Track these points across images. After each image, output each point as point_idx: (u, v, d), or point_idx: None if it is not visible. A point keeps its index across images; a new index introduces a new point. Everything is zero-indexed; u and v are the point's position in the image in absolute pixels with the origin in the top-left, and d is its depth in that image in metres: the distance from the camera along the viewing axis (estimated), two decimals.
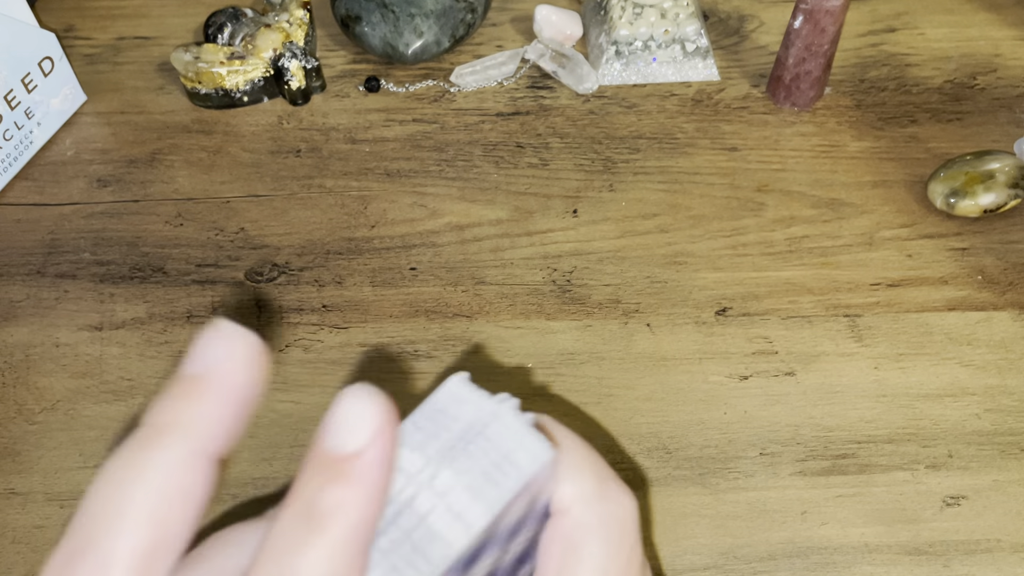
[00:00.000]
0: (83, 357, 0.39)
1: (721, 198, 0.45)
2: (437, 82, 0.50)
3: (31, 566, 0.33)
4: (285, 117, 0.49)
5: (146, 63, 0.52)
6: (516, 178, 0.46)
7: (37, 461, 0.35)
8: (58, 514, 0.34)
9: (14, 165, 0.46)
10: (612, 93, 0.50)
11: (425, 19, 0.50)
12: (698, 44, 0.50)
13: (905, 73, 0.51)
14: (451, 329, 0.39)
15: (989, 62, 0.51)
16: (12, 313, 0.40)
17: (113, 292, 0.41)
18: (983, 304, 0.40)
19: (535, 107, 0.49)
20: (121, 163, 0.47)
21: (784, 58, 0.47)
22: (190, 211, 0.44)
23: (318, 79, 0.49)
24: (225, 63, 0.48)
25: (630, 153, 0.47)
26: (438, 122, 0.48)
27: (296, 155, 0.47)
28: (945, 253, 0.42)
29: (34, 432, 0.36)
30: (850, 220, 0.44)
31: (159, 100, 0.50)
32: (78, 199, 0.45)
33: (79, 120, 0.49)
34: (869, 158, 0.46)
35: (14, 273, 0.42)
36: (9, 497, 0.34)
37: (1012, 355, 0.38)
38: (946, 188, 0.43)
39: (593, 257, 0.42)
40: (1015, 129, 0.48)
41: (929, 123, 0.48)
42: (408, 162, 0.46)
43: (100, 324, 0.40)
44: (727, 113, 0.49)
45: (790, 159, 0.46)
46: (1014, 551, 0.33)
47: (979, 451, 0.36)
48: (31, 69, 0.45)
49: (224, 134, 0.48)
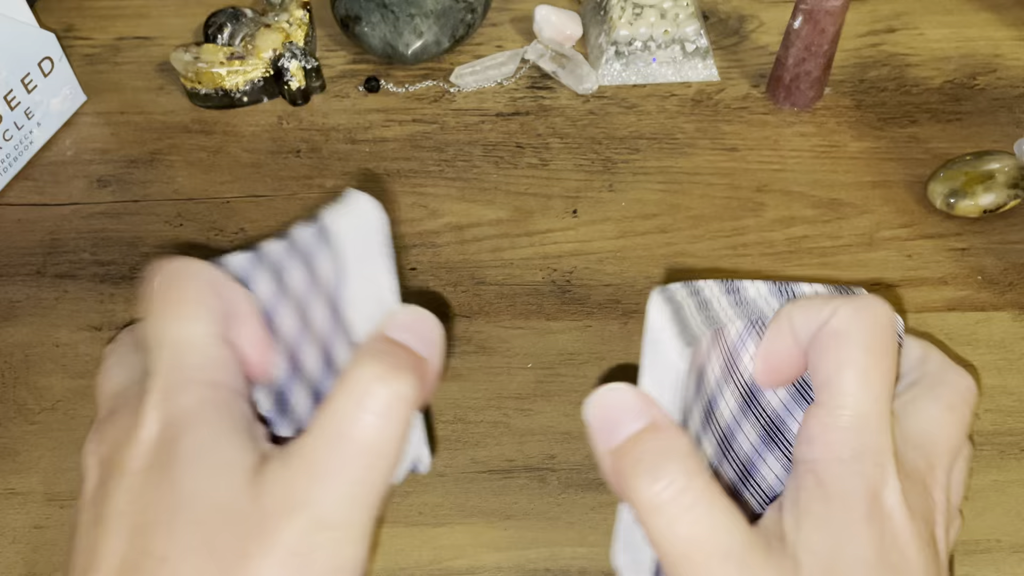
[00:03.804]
0: (83, 357, 0.39)
1: (721, 198, 0.45)
2: (437, 82, 0.50)
3: (31, 566, 0.33)
4: (285, 117, 0.49)
5: (146, 63, 0.52)
6: (516, 178, 0.46)
7: (37, 461, 0.35)
8: (58, 514, 0.34)
9: (14, 165, 0.46)
10: (612, 93, 0.50)
11: (425, 19, 0.50)
12: (698, 44, 0.50)
13: (905, 73, 0.51)
14: (451, 329, 0.39)
15: (989, 62, 0.51)
16: (12, 313, 0.40)
17: (113, 292, 0.41)
18: (983, 304, 0.40)
19: (535, 107, 0.49)
20: (121, 163, 0.47)
21: (784, 58, 0.47)
22: (190, 211, 0.44)
23: (318, 79, 0.50)
24: (225, 63, 0.48)
25: (630, 153, 0.47)
26: (438, 122, 0.48)
27: (296, 155, 0.47)
28: (945, 253, 0.42)
29: (34, 432, 0.36)
30: (850, 220, 0.44)
31: (159, 100, 0.50)
32: (78, 199, 0.45)
33: (79, 120, 0.49)
34: (869, 158, 0.46)
35: (14, 273, 0.42)
36: (9, 497, 0.34)
37: (1012, 355, 0.38)
38: (946, 188, 0.43)
39: (593, 257, 0.42)
40: (1015, 129, 0.48)
41: (929, 123, 0.48)
42: (408, 162, 0.46)
43: (100, 324, 0.40)
44: (727, 113, 0.49)
45: (790, 159, 0.46)
46: (1014, 551, 0.33)
47: (979, 451, 0.36)
48: (31, 69, 0.45)
49: (224, 134, 0.48)
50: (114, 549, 0.22)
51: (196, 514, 0.22)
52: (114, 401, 0.26)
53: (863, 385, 0.23)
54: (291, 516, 0.21)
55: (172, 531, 0.22)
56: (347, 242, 0.26)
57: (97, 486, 0.24)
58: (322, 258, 0.26)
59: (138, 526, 0.22)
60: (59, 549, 0.33)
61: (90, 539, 0.23)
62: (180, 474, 0.22)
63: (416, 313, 0.24)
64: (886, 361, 0.24)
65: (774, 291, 0.27)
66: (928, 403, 0.26)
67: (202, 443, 0.22)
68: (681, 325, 0.24)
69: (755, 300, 0.27)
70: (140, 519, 0.22)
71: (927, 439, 0.25)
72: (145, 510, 0.22)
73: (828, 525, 0.23)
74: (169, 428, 0.23)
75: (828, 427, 0.24)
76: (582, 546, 0.33)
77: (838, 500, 0.23)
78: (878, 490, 0.23)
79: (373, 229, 0.27)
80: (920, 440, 0.25)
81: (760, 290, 0.27)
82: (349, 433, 0.22)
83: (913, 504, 0.23)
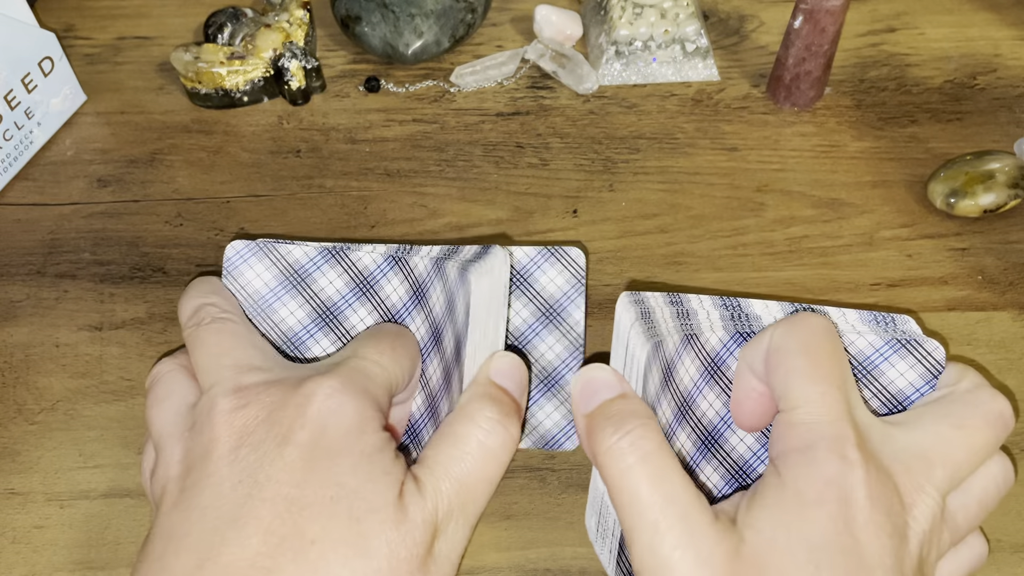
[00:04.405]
0: (83, 357, 0.39)
1: (721, 198, 0.45)
2: (437, 82, 0.50)
3: (31, 566, 0.33)
4: (285, 117, 0.49)
5: (146, 63, 0.52)
6: (516, 178, 0.46)
7: (37, 461, 0.35)
8: (58, 514, 0.34)
9: (14, 165, 0.46)
10: (612, 93, 0.50)
11: (425, 19, 0.50)
12: (698, 44, 0.50)
13: (905, 73, 0.51)
14: None
15: (989, 62, 0.51)
16: (12, 313, 0.40)
17: (113, 292, 0.41)
18: (983, 304, 0.40)
19: (535, 107, 0.49)
20: (121, 163, 0.47)
21: (784, 58, 0.47)
22: (190, 211, 0.44)
23: (318, 79, 0.50)
24: (225, 63, 0.48)
25: (630, 153, 0.47)
26: (438, 122, 0.48)
27: (296, 155, 0.47)
28: (945, 253, 0.42)
29: (34, 432, 0.36)
30: (850, 220, 0.44)
31: (159, 100, 0.50)
32: (78, 199, 0.45)
33: (79, 120, 0.49)
34: (869, 158, 0.46)
35: (14, 273, 0.42)
36: (9, 497, 0.34)
37: (1012, 355, 0.38)
38: (946, 188, 0.43)
39: (593, 257, 0.42)
40: (1015, 129, 0.48)
41: (929, 123, 0.48)
42: (408, 162, 0.46)
43: (100, 324, 0.40)
44: (727, 113, 0.49)
45: (790, 159, 0.46)
46: (1014, 551, 0.33)
47: None
48: (31, 69, 0.45)
49: (224, 134, 0.48)
50: (262, 514, 0.23)
51: (355, 510, 0.24)
52: (266, 375, 0.28)
53: (810, 384, 0.25)
54: (427, 529, 0.25)
55: (328, 519, 0.24)
56: (480, 296, 0.28)
57: (241, 447, 0.25)
58: (459, 298, 0.29)
59: (292, 501, 0.24)
60: (59, 549, 0.33)
61: (236, 494, 0.24)
62: (343, 468, 0.24)
63: (514, 361, 0.29)
64: (826, 360, 0.25)
65: (718, 303, 0.29)
66: (932, 418, 0.26)
67: (369, 445, 0.25)
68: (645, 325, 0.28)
69: (696, 312, 0.29)
70: (296, 494, 0.24)
71: (919, 449, 0.25)
72: (302, 487, 0.24)
73: (777, 508, 0.24)
74: (337, 417, 0.25)
75: (785, 424, 0.25)
76: (582, 546, 0.33)
77: (791, 485, 0.24)
78: (833, 475, 0.24)
79: (501, 284, 0.30)
80: (912, 449, 0.25)
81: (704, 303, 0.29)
82: (473, 468, 0.26)
83: (877, 495, 0.24)
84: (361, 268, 0.29)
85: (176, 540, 0.24)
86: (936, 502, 0.25)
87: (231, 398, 0.26)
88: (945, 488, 0.25)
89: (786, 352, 0.26)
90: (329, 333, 0.31)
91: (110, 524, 0.34)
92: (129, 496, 0.34)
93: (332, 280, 0.30)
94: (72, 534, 0.33)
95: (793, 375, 0.25)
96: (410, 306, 0.30)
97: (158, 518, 0.25)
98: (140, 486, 0.35)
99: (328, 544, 0.23)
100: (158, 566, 0.24)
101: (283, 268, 0.30)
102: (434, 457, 0.26)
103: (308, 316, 0.31)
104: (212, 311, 0.30)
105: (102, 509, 0.34)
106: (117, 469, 0.35)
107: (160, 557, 0.24)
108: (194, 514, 0.24)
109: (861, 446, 0.24)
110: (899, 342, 0.27)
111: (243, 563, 0.23)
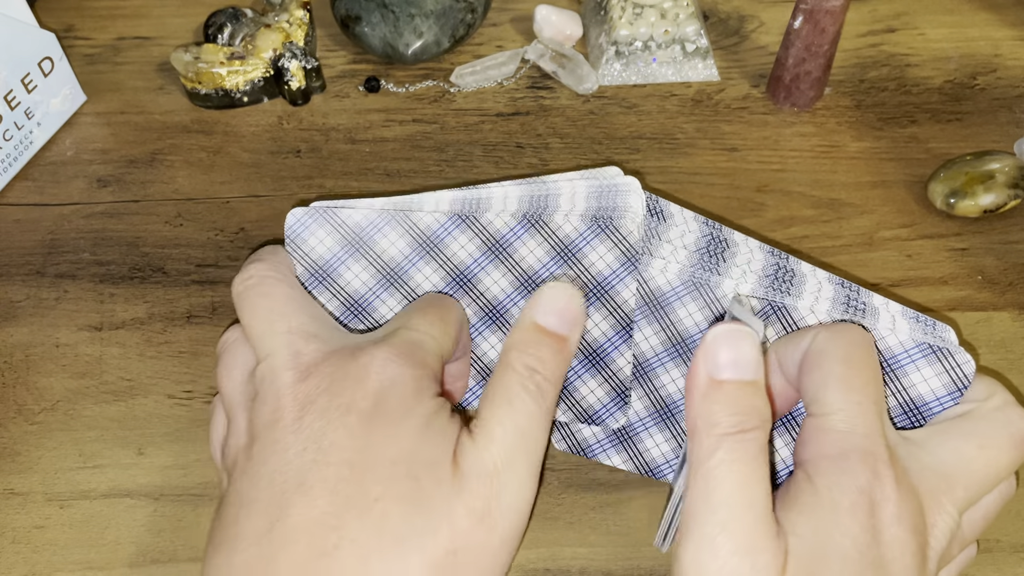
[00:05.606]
0: (83, 357, 0.39)
1: (721, 198, 0.45)
2: (437, 82, 0.50)
3: (31, 566, 0.33)
4: (285, 117, 0.49)
5: (146, 63, 0.52)
6: None
7: (37, 461, 0.35)
8: (58, 514, 0.34)
9: (14, 165, 0.46)
10: (612, 93, 0.50)
11: (425, 19, 0.50)
12: (698, 44, 0.50)
13: (905, 73, 0.51)
14: None
15: (989, 62, 0.51)
16: (12, 313, 0.40)
17: (113, 292, 0.41)
18: (983, 304, 0.40)
19: (535, 107, 0.49)
20: (121, 163, 0.47)
21: (784, 58, 0.47)
22: (190, 211, 0.44)
23: (318, 79, 0.50)
24: (225, 63, 0.48)
25: (630, 153, 0.47)
26: (438, 122, 0.48)
27: (296, 155, 0.47)
28: (945, 253, 0.42)
29: (34, 432, 0.36)
30: (850, 220, 0.44)
31: (159, 100, 0.50)
32: (78, 199, 0.45)
33: (79, 120, 0.49)
34: (869, 158, 0.46)
35: (14, 273, 0.42)
36: (9, 497, 0.34)
37: (1012, 355, 0.38)
38: (946, 188, 0.43)
39: None
40: (1015, 129, 0.48)
41: (929, 123, 0.48)
42: (408, 162, 0.46)
43: (100, 324, 0.40)
44: (727, 113, 0.49)
45: (790, 159, 0.46)
46: (1014, 551, 0.33)
47: None
48: (31, 69, 0.45)
49: (224, 134, 0.48)
50: (328, 477, 0.25)
51: (413, 469, 0.25)
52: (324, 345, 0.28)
53: (846, 393, 0.25)
54: (483, 480, 0.26)
55: (389, 479, 0.25)
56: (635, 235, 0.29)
57: (304, 416, 0.26)
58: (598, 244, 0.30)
59: (355, 464, 0.25)
60: (59, 549, 0.33)
61: (302, 460, 0.25)
62: (402, 432, 0.26)
63: (556, 295, 0.29)
64: (866, 372, 0.26)
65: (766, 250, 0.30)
66: (956, 436, 0.26)
67: (426, 409, 0.27)
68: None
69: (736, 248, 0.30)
70: (358, 458, 0.25)
71: (942, 468, 0.26)
72: (364, 452, 0.25)
73: (815, 513, 0.24)
74: (395, 386, 0.26)
75: (818, 429, 0.25)
76: (582, 546, 0.33)
77: (825, 492, 0.24)
78: (865, 486, 0.24)
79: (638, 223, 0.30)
80: (936, 467, 0.26)
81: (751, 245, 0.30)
82: (522, 417, 0.27)
83: (904, 514, 0.24)
84: (424, 228, 0.30)
85: (247, 505, 0.25)
86: (955, 520, 0.25)
87: (292, 371, 0.27)
88: (964, 507, 0.26)
89: (826, 356, 0.26)
90: (395, 293, 0.32)
91: (110, 524, 0.34)
92: (129, 496, 0.34)
93: (394, 241, 0.30)
94: (72, 534, 0.33)
95: (831, 380, 0.25)
96: (483, 261, 0.31)
97: (230, 485, 0.27)
98: (140, 486, 0.35)
99: (390, 501, 0.25)
100: (233, 531, 0.25)
101: (345, 233, 0.30)
102: (488, 410, 0.27)
103: (373, 277, 0.31)
104: (260, 270, 0.30)
105: (102, 509, 0.34)
106: (117, 469, 0.35)
107: (233, 522, 0.26)
108: (262, 480, 0.25)
109: (893, 463, 0.24)
110: (931, 348, 0.27)
111: (311, 522, 0.24)
